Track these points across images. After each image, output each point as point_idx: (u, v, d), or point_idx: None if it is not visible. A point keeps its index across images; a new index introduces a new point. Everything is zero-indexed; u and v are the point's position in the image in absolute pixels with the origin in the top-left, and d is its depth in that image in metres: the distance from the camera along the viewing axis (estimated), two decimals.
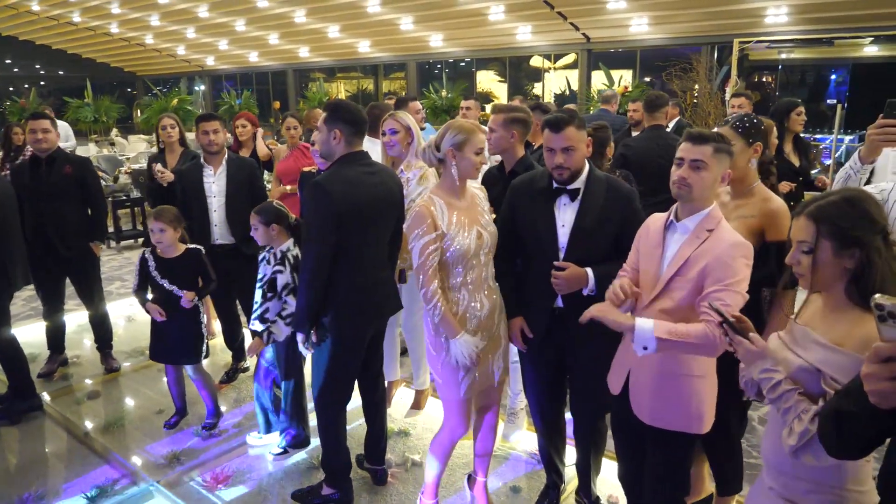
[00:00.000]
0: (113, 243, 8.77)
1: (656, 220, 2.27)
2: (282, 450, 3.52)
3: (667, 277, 2.11)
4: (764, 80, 13.55)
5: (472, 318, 2.55)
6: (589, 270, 2.47)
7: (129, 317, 5.81)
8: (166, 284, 3.54)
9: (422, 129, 4.78)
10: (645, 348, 1.99)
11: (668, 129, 5.07)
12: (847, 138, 10.42)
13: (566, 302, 2.57)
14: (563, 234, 2.54)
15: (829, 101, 11.17)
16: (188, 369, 3.73)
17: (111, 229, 8.68)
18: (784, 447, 1.52)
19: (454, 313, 2.52)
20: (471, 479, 3.03)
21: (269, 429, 3.57)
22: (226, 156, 4.21)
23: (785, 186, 4.28)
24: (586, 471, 2.88)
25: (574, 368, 2.71)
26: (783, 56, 12.66)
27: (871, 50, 11.92)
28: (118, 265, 7.89)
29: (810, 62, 12.92)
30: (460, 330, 2.49)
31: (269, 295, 3.24)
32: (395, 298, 3.08)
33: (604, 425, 2.84)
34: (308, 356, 3.00)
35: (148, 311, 3.60)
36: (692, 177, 2.04)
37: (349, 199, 2.69)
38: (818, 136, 10.49)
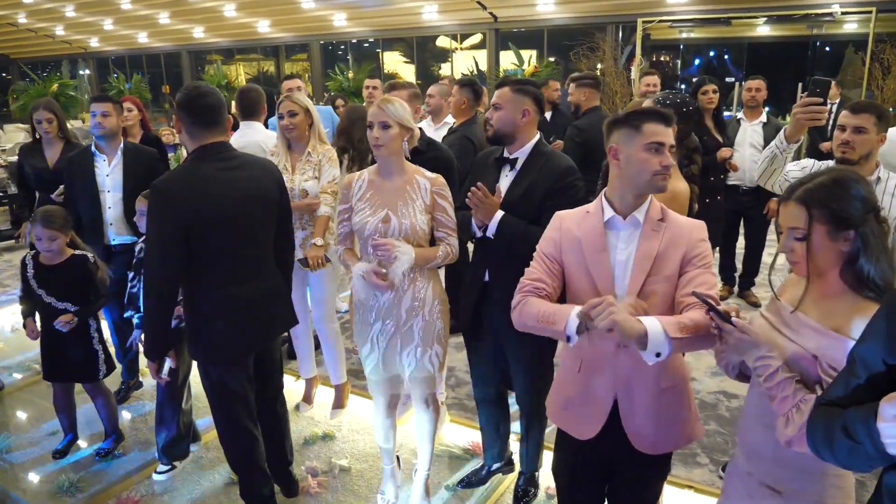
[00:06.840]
0: None
1: (577, 220, 1.94)
2: (168, 466, 3.19)
3: (640, 281, 1.81)
4: (663, 59, 13.98)
5: (369, 299, 2.53)
6: (499, 212, 2.46)
7: (14, 326, 5.22)
8: (44, 296, 3.08)
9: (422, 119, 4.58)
10: (658, 355, 1.60)
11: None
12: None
13: (491, 276, 2.60)
14: None
15: (727, 79, 11.71)
16: (86, 386, 3.31)
17: None
18: (779, 436, 1.47)
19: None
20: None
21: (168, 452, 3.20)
22: (121, 145, 3.67)
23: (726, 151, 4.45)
24: (531, 452, 2.86)
25: (508, 346, 2.65)
26: (684, 35, 13.07)
27: (763, 30, 12.46)
28: None
29: (709, 41, 13.44)
30: (357, 261, 2.58)
31: None
32: (287, 314, 2.74)
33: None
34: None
35: (24, 327, 3.18)
36: (670, 160, 1.83)
37: (199, 204, 2.30)
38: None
